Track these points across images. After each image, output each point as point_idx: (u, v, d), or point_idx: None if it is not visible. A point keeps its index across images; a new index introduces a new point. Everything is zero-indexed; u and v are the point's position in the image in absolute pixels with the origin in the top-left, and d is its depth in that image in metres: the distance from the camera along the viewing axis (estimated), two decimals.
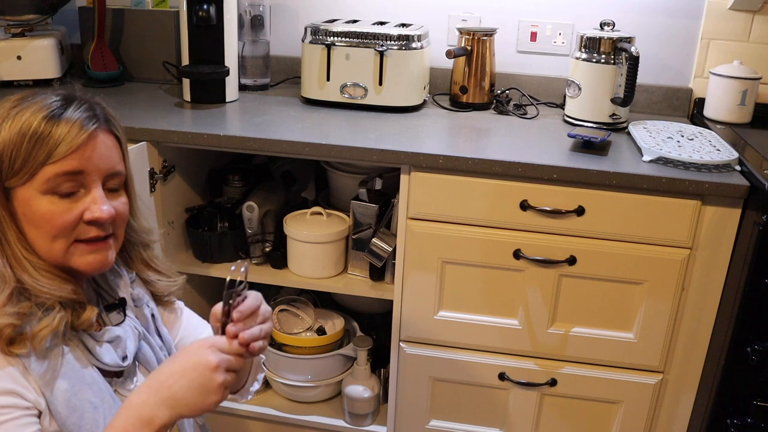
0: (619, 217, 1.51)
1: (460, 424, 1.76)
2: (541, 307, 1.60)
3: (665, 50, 1.97)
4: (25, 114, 0.94)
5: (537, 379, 1.66)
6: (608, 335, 1.61)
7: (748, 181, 1.44)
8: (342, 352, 1.86)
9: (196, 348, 0.94)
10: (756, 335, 1.45)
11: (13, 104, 0.96)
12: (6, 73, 1.96)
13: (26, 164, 0.92)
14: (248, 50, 2.02)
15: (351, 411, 1.84)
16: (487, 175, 1.53)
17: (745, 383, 1.49)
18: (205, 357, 0.92)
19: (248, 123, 1.73)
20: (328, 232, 1.74)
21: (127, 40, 2.08)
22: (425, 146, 1.57)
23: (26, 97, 0.97)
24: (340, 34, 1.83)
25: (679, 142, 1.63)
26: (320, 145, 1.58)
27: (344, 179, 1.90)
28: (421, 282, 1.63)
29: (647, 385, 1.63)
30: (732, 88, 1.84)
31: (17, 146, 0.92)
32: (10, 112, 0.95)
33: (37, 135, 0.92)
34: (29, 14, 1.99)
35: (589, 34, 1.78)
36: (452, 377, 1.71)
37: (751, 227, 1.42)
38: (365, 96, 1.85)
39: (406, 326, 1.68)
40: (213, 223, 1.84)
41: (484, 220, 1.56)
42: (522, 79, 2.04)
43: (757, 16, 1.87)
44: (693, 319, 1.56)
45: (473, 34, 1.91)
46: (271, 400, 1.93)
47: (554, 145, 1.63)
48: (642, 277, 1.54)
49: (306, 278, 1.79)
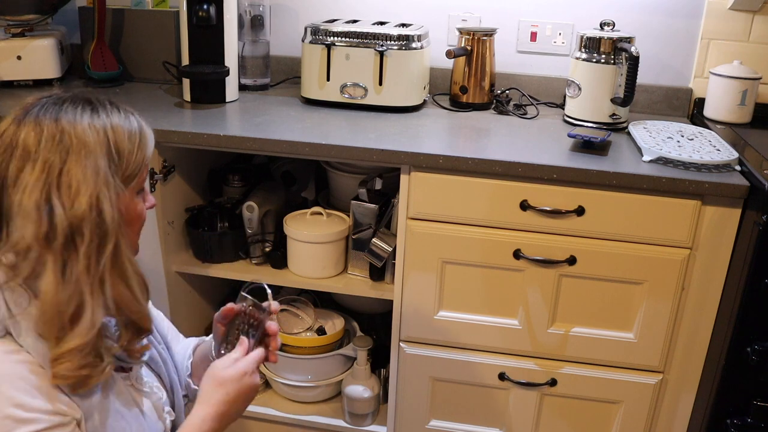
0: (619, 217, 1.51)
1: (460, 424, 1.76)
2: (541, 307, 1.60)
3: (665, 50, 1.97)
4: (113, 118, 0.95)
5: (537, 379, 1.66)
6: (608, 335, 1.61)
7: (748, 181, 1.44)
8: (342, 352, 1.86)
9: (242, 376, 1.05)
10: (756, 335, 1.45)
11: (84, 110, 0.94)
12: (6, 73, 1.96)
13: (135, 167, 0.97)
14: (248, 50, 2.02)
15: (351, 411, 1.84)
16: (487, 175, 1.53)
17: (745, 383, 1.49)
18: (255, 383, 1.07)
19: (248, 123, 1.73)
20: (328, 232, 1.74)
21: (127, 40, 2.08)
22: (425, 146, 1.57)
23: (78, 101, 0.95)
24: (340, 34, 1.83)
25: (679, 142, 1.63)
26: (320, 145, 1.58)
27: (344, 179, 1.90)
28: (421, 282, 1.63)
29: (647, 385, 1.63)
30: (732, 88, 1.84)
31: (132, 153, 0.96)
32: (93, 119, 0.93)
33: (137, 137, 0.97)
34: (29, 14, 1.99)
35: (589, 34, 1.78)
36: (452, 377, 1.71)
37: (751, 227, 1.42)
38: (365, 96, 1.85)
39: (406, 326, 1.68)
40: (213, 223, 1.84)
41: (484, 220, 1.56)
42: (522, 79, 2.04)
43: (757, 16, 1.87)
44: (693, 319, 1.56)
45: (473, 34, 1.91)
46: (271, 400, 1.93)
47: (554, 145, 1.63)
48: (642, 277, 1.54)
49: (306, 278, 1.79)
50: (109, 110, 0.96)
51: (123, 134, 0.95)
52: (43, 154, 0.89)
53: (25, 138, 0.89)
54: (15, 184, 0.88)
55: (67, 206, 0.88)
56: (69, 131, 0.90)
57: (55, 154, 0.89)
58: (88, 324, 0.89)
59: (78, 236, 0.88)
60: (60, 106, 0.93)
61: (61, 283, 0.88)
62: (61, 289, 0.88)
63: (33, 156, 0.89)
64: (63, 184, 0.88)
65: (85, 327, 0.89)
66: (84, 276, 0.89)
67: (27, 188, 0.88)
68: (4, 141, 0.91)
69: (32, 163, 0.88)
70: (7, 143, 0.90)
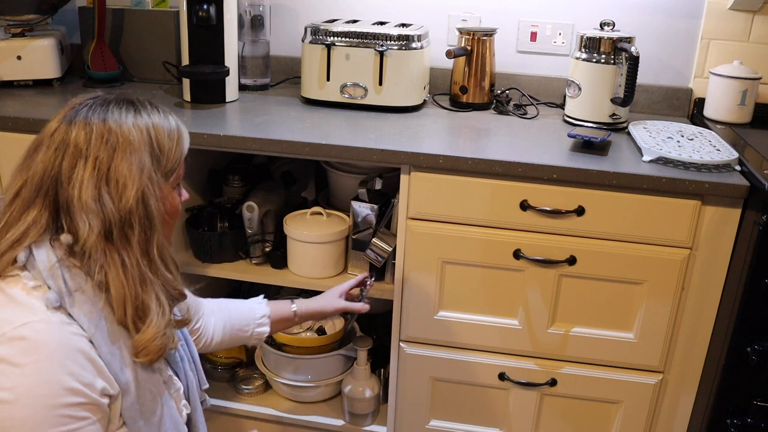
0: (619, 217, 1.51)
1: (460, 424, 1.76)
2: (541, 307, 1.60)
3: (665, 50, 1.97)
4: (154, 117, 1.03)
5: (537, 379, 1.66)
6: (608, 335, 1.61)
7: (748, 181, 1.44)
8: (342, 352, 1.86)
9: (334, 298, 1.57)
10: (756, 335, 1.45)
11: (128, 110, 1.01)
12: (6, 73, 1.96)
13: (174, 162, 1.05)
14: (248, 50, 2.02)
15: (351, 411, 1.84)
16: (487, 175, 1.53)
17: (745, 383, 1.49)
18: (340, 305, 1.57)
19: (248, 123, 1.73)
20: (328, 232, 1.74)
21: (127, 40, 2.08)
22: (425, 146, 1.57)
23: (122, 102, 1.03)
24: (340, 34, 1.83)
25: (679, 142, 1.63)
26: (320, 145, 1.58)
27: (344, 179, 1.90)
28: (421, 282, 1.63)
29: (647, 385, 1.63)
30: (732, 88, 1.84)
31: (171, 150, 1.04)
32: (136, 119, 1.01)
33: (176, 135, 1.05)
34: (29, 14, 1.99)
35: (589, 34, 1.78)
36: (452, 377, 1.71)
37: (751, 227, 1.42)
38: (365, 96, 1.85)
39: (406, 326, 1.68)
40: (213, 223, 1.84)
41: (484, 220, 1.56)
42: (522, 79, 2.04)
43: (757, 16, 1.87)
44: (693, 319, 1.56)
45: (473, 34, 1.91)
46: (271, 400, 1.93)
47: (554, 145, 1.63)
48: (642, 277, 1.54)
49: (306, 278, 1.79)
50: (150, 110, 1.03)
51: (163, 133, 1.03)
52: (93, 151, 0.96)
53: (76, 137, 0.97)
54: (69, 180, 0.96)
55: (116, 200, 0.96)
56: (116, 130, 0.98)
57: (103, 151, 0.96)
58: (159, 307, 0.99)
59: (129, 228, 0.97)
60: (106, 107, 1.00)
61: (124, 273, 0.96)
62: (126, 279, 0.96)
63: (84, 153, 0.96)
64: (111, 179, 0.96)
65: (157, 309, 0.99)
66: (142, 263, 0.98)
67: (82, 184, 0.95)
68: (55, 139, 0.97)
69: (84, 161, 0.96)
70: (59, 141, 0.97)
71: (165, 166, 1.03)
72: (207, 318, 1.43)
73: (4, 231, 0.97)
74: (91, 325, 0.94)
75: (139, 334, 0.98)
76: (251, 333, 1.48)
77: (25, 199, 0.97)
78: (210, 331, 1.43)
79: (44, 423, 0.88)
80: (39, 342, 0.90)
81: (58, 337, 0.92)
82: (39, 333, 0.90)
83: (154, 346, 0.98)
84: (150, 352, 0.98)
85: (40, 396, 0.88)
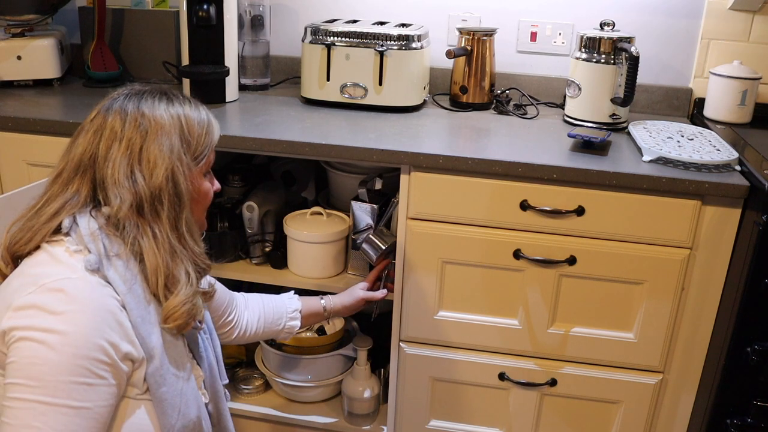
0: (619, 217, 1.51)
1: (460, 424, 1.76)
2: (541, 307, 1.60)
3: (665, 50, 1.97)
4: (185, 108, 1.10)
5: (537, 379, 1.66)
6: (608, 335, 1.61)
7: (748, 181, 1.44)
8: (342, 352, 1.86)
9: None
10: (756, 335, 1.45)
11: (161, 100, 1.09)
12: (6, 73, 1.96)
13: (204, 148, 1.12)
14: (248, 50, 2.02)
15: (351, 411, 1.84)
16: (487, 175, 1.53)
17: (745, 383, 1.49)
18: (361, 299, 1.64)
19: (248, 123, 1.73)
20: (328, 232, 1.74)
21: (127, 40, 2.08)
22: (425, 146, 1.57)
23: (156, 92, 1.10)
24: (340, 34, 1.83)
25: (679, 142, 1.63)
26: (320, 145, 1.58)
27: (344, 179, 1.90)
28: (421, 282, 1.63)
29: (647, 385, 1.63)
30: (732, 88, 1.84)
31: (201, 136, 1.11)
32: (168, 108, 1.08)
33: (206, 124, 1.12)
34: (29, 14, 1.99)
35: (589, 34, 1.78)
36: (452, 377, 1.71)
37: (751, 227, 1.42)
38: (365, 96, 1.85)
39: (406, 326, 1.68)
40: (213, 223, 1.84)
41: (484, 220, 1.56)
42: (522, 79, 2.04)
43: (757, 16, 1.87)
44: (693, 319, 1.56)
45: (473, 34, 1.91)
46: (271, 400, 1.93)
47: (554, 145, 1.63)
48: (642, 277, 1.54)
49: (306, 278, 1.79)
50: (182, 101, 1.11)
51: (193, 121, 1.10)
52: (127, 134, 1.04)
53: (112, 122, 1.05)
54: (105, 159, 1.04)
55: (147, 177, 1.04)
56: (148, 116, 1.06)
57: (136, 134, 1.05)
58: (186, 276, 1.06)
59: (159, 203, 1.04)
60: (141, 96, 1.08)
61: (156, 244, 1.03)
62: (158, 250, 1.03)
63: (119, 136, 1.04)
64: (143, 159, 1.04)
65: (186, 279, 1.05)
66: (172, 236, 1.05)
67: (116, 163, 1.03)
68: (94, 125, 1.06)
69: (118, 142, 1.04)
70: (97, 126, 1.06)
71: (195, 149, 1.10)
72: (241, 310, 1.48)
73: (46, 204, 1.05)
74: (125, 288, 1.00)
75: (169, 299, 1.04)
76: (283, 326, 1.55)
77: (65, 178, 1.05)
78: (244, 322, 1.48)
79: (66, 369, 0.93)
80: (76, 297, 0.96)
81: (94, 295, 0.97)
82: (77, 289, 0.96)
83: (182, 312, 1.04)
84: (178, 317, 1.04)
85: (68, 344, 0.93)
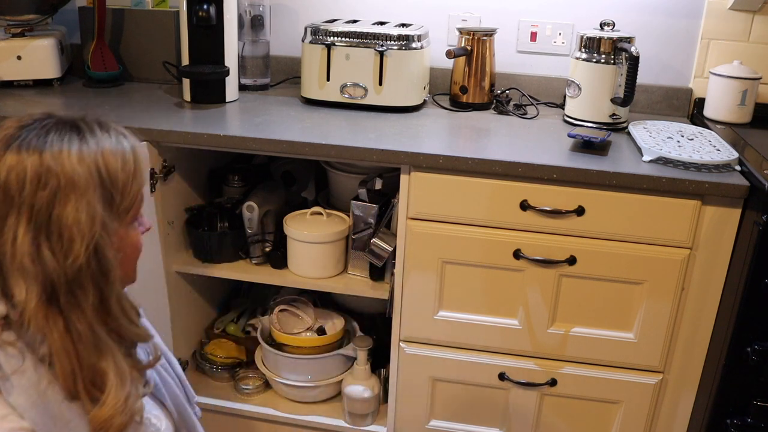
0: (619, 217, 1.51)
1: (460, 424, 1.76)
2: (541, 307, 1.60)
3: (665, 50, 1.97)
4: (103, 143, 0.85)
5: (537, 379, 1.66)
6: (608, 335, 1.61)
7: (748, 181, 1.44)
8: (342, 352, 1.86)
9: None
10: (756, 335, 1.45)
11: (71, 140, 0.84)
12: (6, 73, 1.96)
13: (131, 199, 0.88)
14: (248, 50, 2.02)
15: (351, 411, 1.84)
16: (487, 175, 1.53)
17: (745, 383, 1.49)
18: None
19: (248, 123, 1.73)
20: (328, 232, 1.74)
21: (127, 40, 2.08)
22: (425, 146, 1.57)
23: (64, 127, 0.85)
24: (340, 34, 1.83)
25: (679, 142, 1.63)
26: (320, 145, 1.58)
27: (344, 179, 1.90)
28: (421, 282, 1.63)
29: (647, 385, 1.63)
30: (732, 88, 1.84)
31: (126, 184, 0.86)
32: (81, 149, 0.83)
33: (131, 161, 0.87)
34: (29, 14, 1.99)
35: (589, 34, 1.78)
36: (452, 377, 1.71)
37: (751, 227, 1.42)
38: (365, 96, 1.85)
39: (406, 326, 1.68)
40: (213, 223, 1.84)
41: (484, 220, 1.56)
42: (522, 79, 2.04)
43: (757, 16, 1.87)
44: (693, 319, 1.56)
45: (473, 34, 1.91)
46: (271, 400, 1.93)
47: (554, 145, 1.63)
48: (642, 277, 1.54)
49: (306, 278, 1.79)
50: (99, 135, 0.85)
51: (116, 164, 0.85)
52: (28, 200, 0.79)
53: (6, 179, 0.79)
54: (2, 233, 0.80)
55: (60, 257, 0.79)
56: (55, 169, 0.80)
57: (41, 198, 0.79)
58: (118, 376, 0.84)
59: (78, 289, 0.81)
60: (44, 137, 0.82)
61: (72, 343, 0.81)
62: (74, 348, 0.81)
63: (17, 201, 0.79)
64: (53, 232, 0.79)
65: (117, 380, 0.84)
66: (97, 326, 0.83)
67: (17, 240, 0.79)
68: None
69: (17, 209, 0.79)
70: None
71: (120, 204, 0.85)
72: None
73: None
74: (34, 412, 0.80)
75: (96, 409, 0.82)
76: None
77: None
78: None
79: None
80: None
81: None
82: None
83: (115, 424, 0.83)
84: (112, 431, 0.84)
85: None
